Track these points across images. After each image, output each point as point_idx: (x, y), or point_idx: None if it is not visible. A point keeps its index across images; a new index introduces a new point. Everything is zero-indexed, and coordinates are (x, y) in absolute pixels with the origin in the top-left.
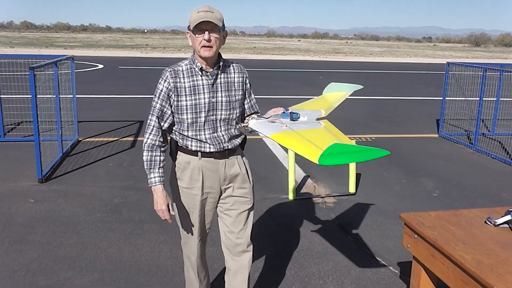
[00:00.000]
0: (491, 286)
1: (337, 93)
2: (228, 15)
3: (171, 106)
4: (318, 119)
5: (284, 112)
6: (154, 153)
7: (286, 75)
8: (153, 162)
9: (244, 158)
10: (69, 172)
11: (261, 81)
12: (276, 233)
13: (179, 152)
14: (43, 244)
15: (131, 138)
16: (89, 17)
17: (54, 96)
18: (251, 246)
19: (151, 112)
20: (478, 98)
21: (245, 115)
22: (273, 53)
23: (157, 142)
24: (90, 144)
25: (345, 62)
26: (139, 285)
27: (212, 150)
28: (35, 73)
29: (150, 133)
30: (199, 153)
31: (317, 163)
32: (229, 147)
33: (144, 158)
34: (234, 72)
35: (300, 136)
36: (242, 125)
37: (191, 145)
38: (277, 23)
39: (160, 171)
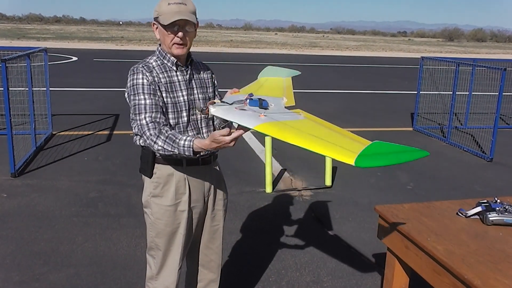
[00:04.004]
0: (462, 276)
1: (275, 78)
2: (204, 8)
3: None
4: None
5: (251, 99)
6: (166, 133)
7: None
8: (171, 136)
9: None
10: (43, 166)
11: (238, 74)
12: (253, 226)
13: (156, 164)
14: (17, 239)
15: (106, 132)
16: (62, 8)
17: (27, 89)
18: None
19: (137, 112)
20: (451, 92)
21: None
22: (250, 47)
23: (161, 125)
24: (65, 138)
25: (322, 56)
26: (115, 279)
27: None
28: (7, 65)
29: (149, 129)
30: (184, 161)
31: (353, 164)
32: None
33: (161, 145)
34: (202, 69)
35: (299, 131)
36: (200, 112)
37: None
38: (254, 17)
39: (184, 135)
